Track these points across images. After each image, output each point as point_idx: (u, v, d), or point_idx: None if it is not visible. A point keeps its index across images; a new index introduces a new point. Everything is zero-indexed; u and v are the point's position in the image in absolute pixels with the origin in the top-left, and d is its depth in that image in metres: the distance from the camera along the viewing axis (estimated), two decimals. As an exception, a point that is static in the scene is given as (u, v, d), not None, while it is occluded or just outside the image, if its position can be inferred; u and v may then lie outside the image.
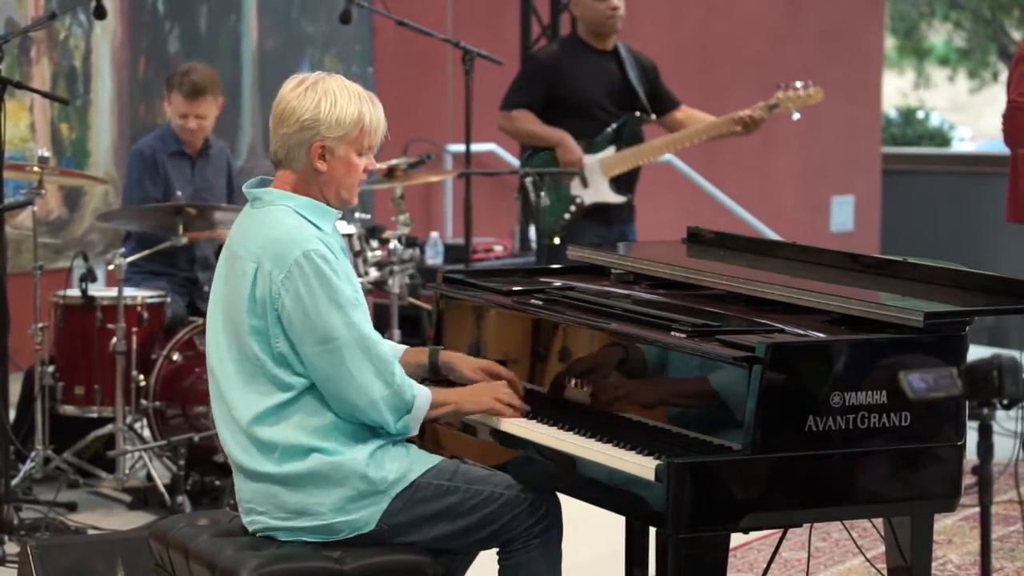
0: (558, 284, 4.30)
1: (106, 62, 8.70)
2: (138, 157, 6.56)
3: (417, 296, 7.41)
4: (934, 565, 4.62)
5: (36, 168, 5.82)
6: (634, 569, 4.35)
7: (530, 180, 6.71)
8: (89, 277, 6.08)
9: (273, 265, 3.61)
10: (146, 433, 6.20)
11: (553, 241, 6.96)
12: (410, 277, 6.86)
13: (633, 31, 7.48)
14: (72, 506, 5.92)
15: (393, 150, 7.44)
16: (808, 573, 5.13)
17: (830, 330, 3.63)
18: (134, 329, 6.01)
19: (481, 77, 6.97)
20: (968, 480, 4.13)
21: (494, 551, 3.78)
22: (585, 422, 3.72)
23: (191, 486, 5.91)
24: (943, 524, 5.70)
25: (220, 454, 5.84)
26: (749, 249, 4.52)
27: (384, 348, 3.69)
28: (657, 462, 3.39)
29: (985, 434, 2.85)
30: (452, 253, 8.92)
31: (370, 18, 9.85)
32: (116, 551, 4.60)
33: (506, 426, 3.82)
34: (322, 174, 3.69)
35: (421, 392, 3.71)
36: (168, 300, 6.27)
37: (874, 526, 4.16)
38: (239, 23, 9.41)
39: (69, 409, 6.12)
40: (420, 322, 7.69)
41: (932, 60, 24.12)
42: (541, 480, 3.76)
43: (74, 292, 6.16)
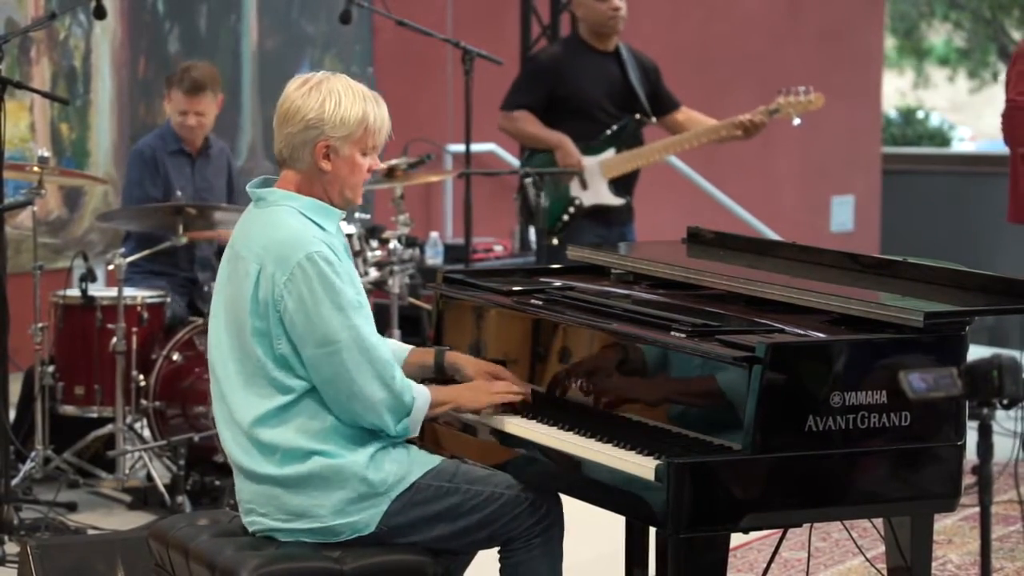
0: (558, 284, 4.30)
1: (106, 62, 8.70)
2: (138, 157, 6.56)
3: (417, 296, 7.40)
4: (934, 565, 4.62)
5: (36, 168, 5.81)
6: (634, 569, 4.34)
7: (530, 180, 6.70)
8: (89, 277, 6.07)
9: (276, 267, 3.60)
10: (146, 433, 6.20)
11: (552, 242, 6.95)
12: (410, 277, 6.86)
13: (633, 31, 7.47)
14: (72, 506, 5.92)
15: (393, 150, 7.44)
16: (808, 573, 5.13)
17: (830, 330, 3.62)
18: (134, 329, 6.01)
19: (481, 77, 6.97)
20: (968, 480, 4.13)
21: (495, 550, 3.79)
22: (585, 422, 3.72)
23: (191, 486, 5.91)
24: (943, 524, 5.70)
25: (220, 454, 5.84)
26: (749, 249, 4.51)
27: (385, 351, 3.68)
28: (657, 462, 3.39)
29: (985, 434, 2.84)
30: (452, 253, 8.91)
31: (370, 18, 9.85)
32: (116, 551, 4.60)
33: (506, 426, 3.82)
34: (326, 173, 3.69)
35: (420, 394, 3.71)
36: (168, 300, 6.27)
37: (874, 526, 4.16)
38: (239, 23, 9.41)
39: (69, 409, 6.12)
40: (420, 322, 7.69)
41: (932, 60, 24.12)
42: (541, 480, 3.76)
43: (74, 292, 6.16)
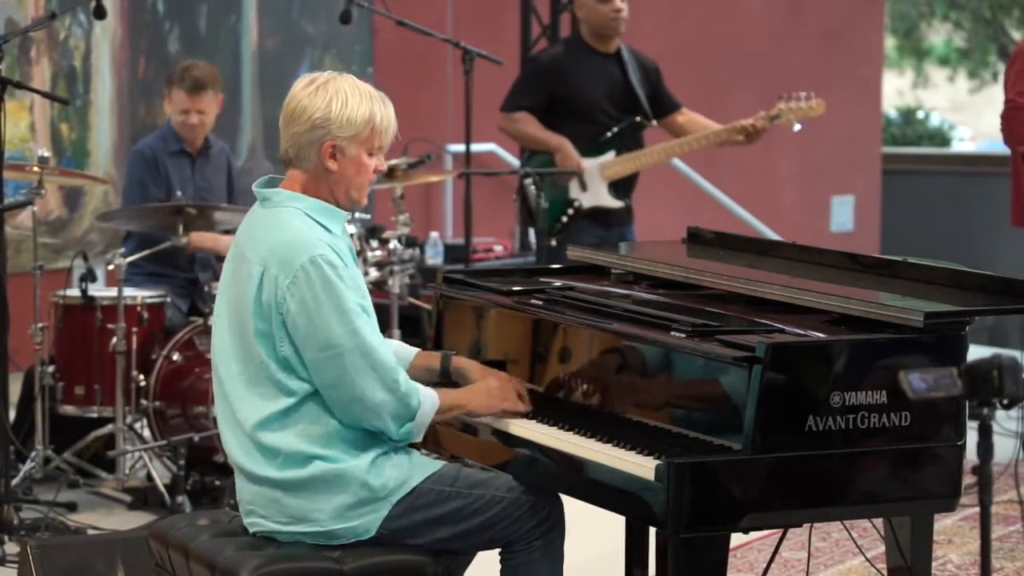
0: (558, 284, 4.30)
1: (106, 62, 8.70)
2: (139, 157, 6.56)
3: (417, 296, 7.40)
4: (934, 565, 4.62)
5: (36, 168, 5.81)
6: (634, 569, 4.34)
7: (529, 181, 6.70)
8: (89, 277, 6.07)
9: (280, 269, 3.58)
10: (146, 433, 6.20)
11: (551, 243, 6.95)
12: (410, 277, 6.86)
13: (633, 31, 7.47)
14: (72, 506, 5.92)
15: (393, 150, 7.43)
16: (808, 573, 5.13)
17: (830, 330, 3.62)
18: (134, 329, 6.01)
19: (481, 77, 6.97)
20: (968, 480, 4.13)
21: (496, 550, 3.78)
22: (585, 422, 3.72)
23: (191, 486, 5.91)
24: (943, 524, 5.70)
25: (220, 454, 5.84)
26: (749, 249, 4.51)
27: (387, 356, 3.64)
28: (657, 462, 3.39)
29: (985, 434, 2.84)
30: (452, 253, 8.91)
31: (370, 18, 9.85)
32: (116, 551, 4.60)
33: (507, 426, 3.81)
34: (332, 173, 3.68)
35: (427, 398, 3.68)
36: (168, 300, 6.27)
37: (874, 526, 4.16)
38: (239, 23, 9.41)
39: (69, 409, 6.12)
40: (420, 322, 7.68)
41: (932, 60, 24.12)
42: (541, 480, 3.75)
43: (74, 292, 6.16)
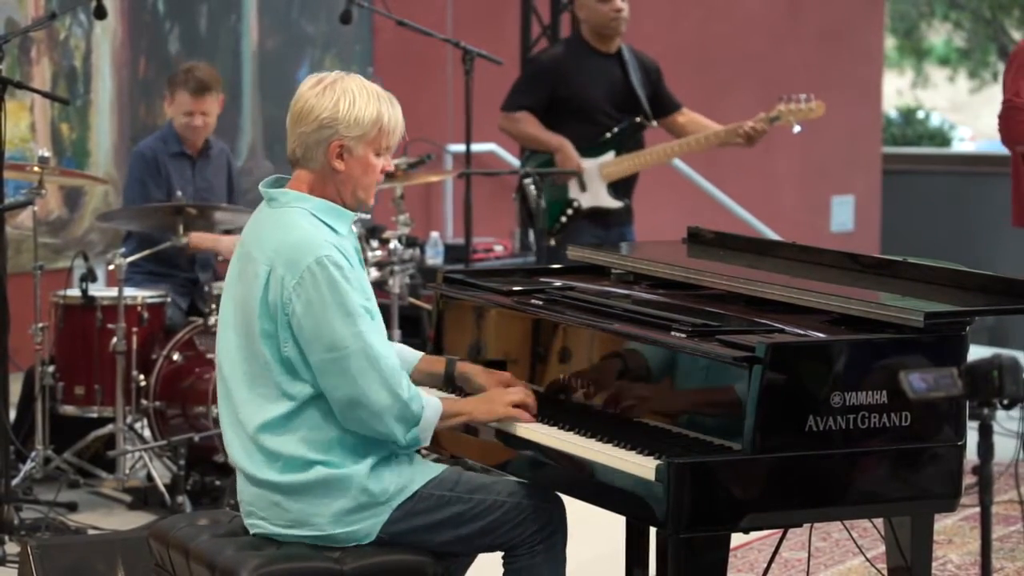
0: (558, 284, 4.30)
1: (106, 62, 8.70)
2: (140, 158, 6.56)
3: (417, 296, 7.40)
4: (934, 565, 4.62)
5: (36, 168, 5.81)
6: (634, 569, 4.34)
7: (529, 181, 6.70)
8: (89, 277, 6.07)
9: (286, 270, 3.57)
10: (146, 433, 6.20)
11: (550, 243, 6.95)
12: (410, 277, 6.85)
13: (633, 31, 7.46)
14: (72, 506, 5.92)
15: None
16: (808, 573, 5.13)
17: (830, 330, 3.62)
18: (134, 329, 6.01)
19: (481, 77, 6.96)
20: (968, 480, 4.13)
21: (497, 552, 3.78)
22: (585, 422, 3.72)
23: (191, 486, 5.91)
24: (943, 524, 5.70)
25: (220, 454, 5.84)
26: (749, 249, 4.51)
27: (392, 360, 3.63)
28: (657, 462, 3.39)
29: (985, 434, 2.84)
30: (452, 253, 8.91)
31: (370, 18, 9.84)
32: (116, 551, 4.60)
33: (507, 426, 3.81)
34: (340, 173, 3.66)
35: (430, 403, 3.67)
36: (168, 300, 6.27)
37: (874, 526, 4.16)
38: (239, 23, 9.41)
39: (69, 409, 6.12)
40: (420, 322, 7.68)
41: (932, 60, 24.11)
42: (541, 480, 3.75)
43: (74, 292, 6.16)
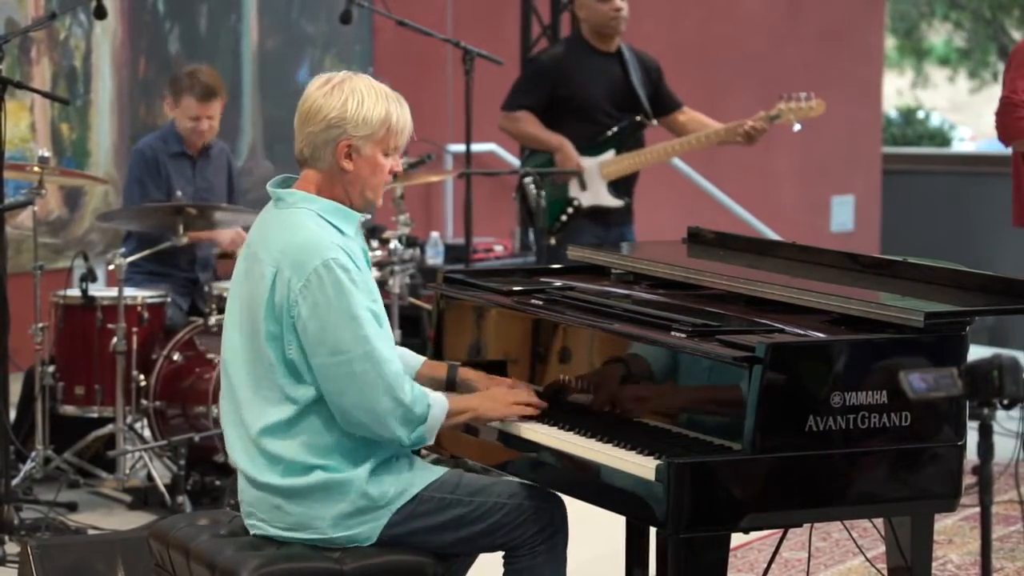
0: (558, 284, 4.29)
1: (106, 62, 8.70)
2: (139, 157, 6.55)
3: (417, 296, 7.40)
4: (934, 565, 4.62)
5: (36, 168, 5.81)
6: (634, 569, 4.34)
7: (529, 180, 6.70)
8: (89, 277, 6.07)
9: (292, 272, 3.56)
10: (146, 433, 6.20)
11: (550, 242, 6.95)
12: (410, 277, 6.85)
13: (634, 31, 7.47)
14: (72, 506, 5.92)
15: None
16: (808, 573, 5.13)
17: (830, 330, 3.62)
18: (134, 329, 6.01)
19: (481, 77, 6.96)
20: (968, 480, 4.13)
21: (498, 552, 3.78)
22: (585, 422, 3.72)
23: (191, 486, 5.91)
24: (943, 524, 5.70)
25: (220, 454, 5.84)
26: (749, 249, 4.51)
27: (396, 364, 3.62)
28: (657, 462, 3.39)
29: (985, 434, 2.84)
30: (452, 253, 8.91)
31: (370, 18, 9.84)
32: (116, 551, 4.60)
33: (507, 426, 3.81)
34: (348, 173, 3.65)
35: (436, 402, 3.66)
36: (168, 300, 6.27)
37: (874, 526, 4.16)
38: (239, 23, 9.41)
39: (69, 409, 6.12)
40: (420, 322, 7.68)
41: (932, 60, 24.12)
42: (541, 480, 3.75)
43: (74, 292, 6.16)
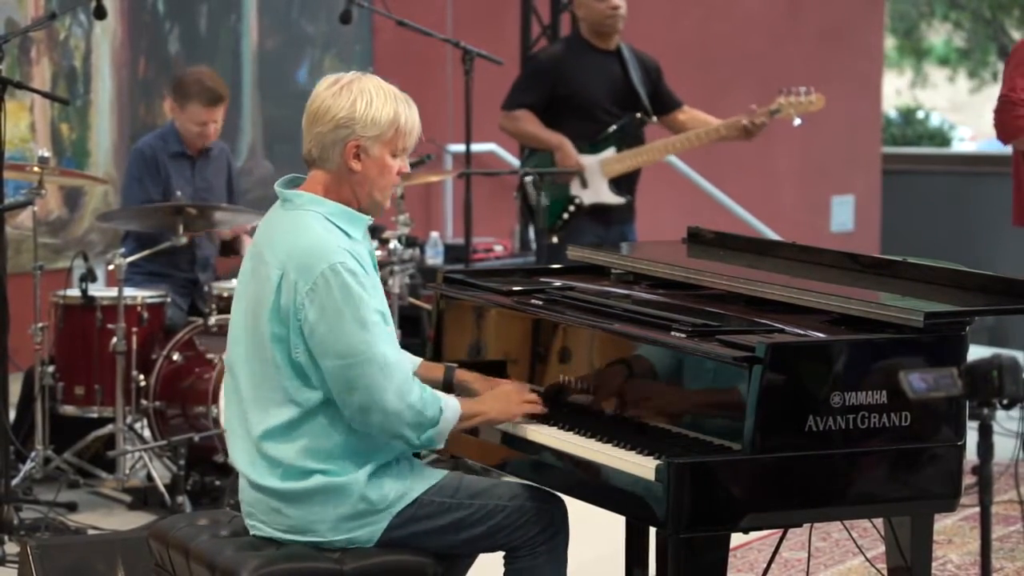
0: (558, 284, 4.29)
1: (106, 62, 8.70)
2: (139, 156, 6.55)
3: (417, 296, 7.40)
4: (934, 565, 4.62)
5: (36, 168, 5.81)
6: (634, 569, 4.34)
7: (530, 180, 6.70)
8: (89, 277, 6.07)
9: (299, 275, 3.55)
10: (146, 433, 6.20)
11: (552, 240, 6.95)
12: (410, 277, 6.85)
13: (633, 30, 7.47)
14: (72, 506, 5.92)
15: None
16: (808, 573, 5.13)
17: (830, 330, 3.62)
18: (134, 329, 6.01)
19: (481, 77, 6.96)
20: (968, 480, 4.13)
21: (498, 553, 3.78)
22: (585, 422, 3.72)
23: (191, 486, 5.91)
24: (943, 524, 5.70)
25: (220, 454, 5.84)
26: (749, 249, 4.51)
27: (404, 367, 3.61)
28: (657, 462, 3.39)
29: (985, 434, 2.84)
30: (452, 253, 8.91)
31: (370, 18, 9.84)
32: (116, 551, 4.60)
33: (506, 426, 3.81)
34: (356, 174, 3.64)
35: (448, 406, 3.65)
36: (168, 300, 6.27)
37: (874, 526, 4.16)
38: (239, 23, 9.40)
39: (69, 409, 6.12)
40: (420, 322, 7.68)
41: (932, 60, 24.11)
42: (541, 480, 3.75)
43: (74, 292, 6.16)
